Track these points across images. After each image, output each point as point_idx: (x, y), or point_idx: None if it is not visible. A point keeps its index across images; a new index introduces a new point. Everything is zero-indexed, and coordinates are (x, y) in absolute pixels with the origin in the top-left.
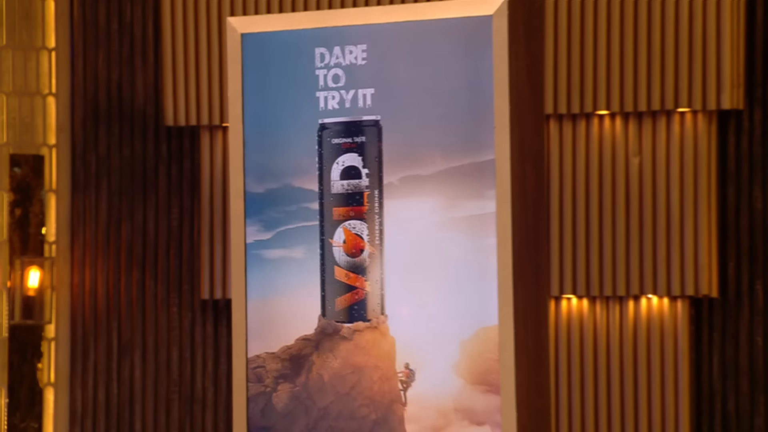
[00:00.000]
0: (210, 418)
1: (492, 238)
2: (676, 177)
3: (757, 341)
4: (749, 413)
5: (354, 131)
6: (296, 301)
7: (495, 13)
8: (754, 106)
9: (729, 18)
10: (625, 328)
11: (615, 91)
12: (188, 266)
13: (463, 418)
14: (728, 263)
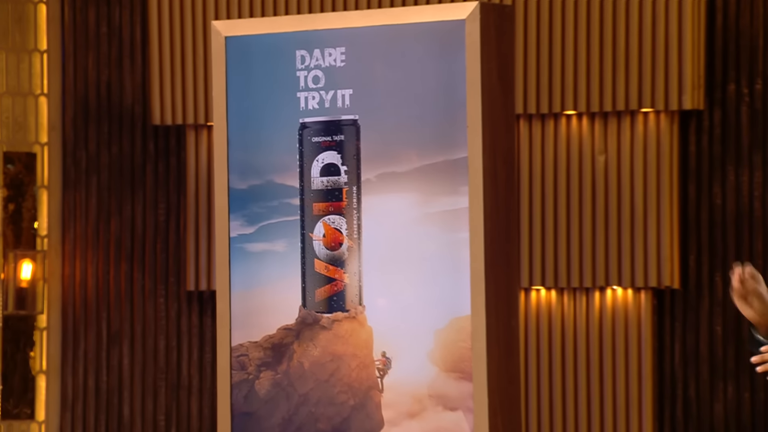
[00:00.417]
0: (195, 404)
1: (465, 233)
2: (639, 174)
3: (717, 330)
4: (709, 399)
5: (333, 130)
6: (278, 292)
7: (467, 18)
8: (714, 106)
9: (690, 23)
10: (591, 318)
11: (582, 92)
12: (174, 259)
13: (437, 403)
14: (689, 256)
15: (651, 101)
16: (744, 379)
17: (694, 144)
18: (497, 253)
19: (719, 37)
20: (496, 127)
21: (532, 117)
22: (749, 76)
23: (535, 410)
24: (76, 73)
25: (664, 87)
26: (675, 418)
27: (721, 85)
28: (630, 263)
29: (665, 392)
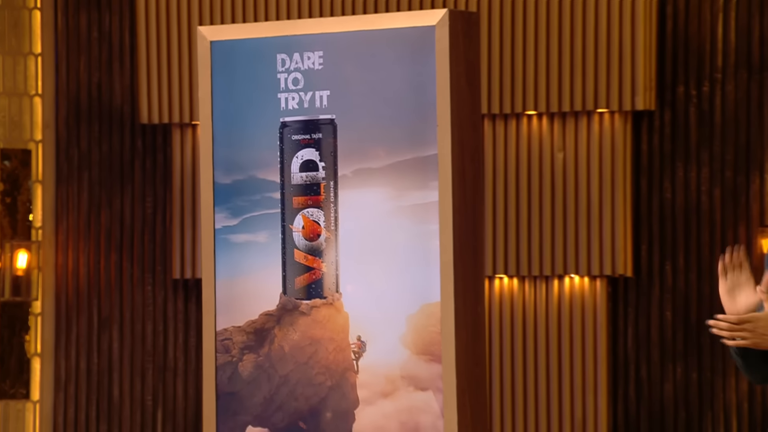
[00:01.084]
0: (181, 385)
1: (435, 224)
2: (595, 170)
3: (667, 316)
4: (660, 379)
5: (312, 129)
6: (260, 280)
7: (437, 24)
8: (665, 107)
9: (642, 29)
10: (550, 304)
11: (542, 93)
12: (161, 249)
13: (408, 384)
14: (641, 246)
15: (606, 102)
16: (692, 361)
17: (646, 142)
18: (465, 243)
19: (669, 42)
20: (464, 126)
21: (495, 117)
22: (697, 79)
23: (498, 391)
24: (68, 75)
25: (618, 89)
26: (628, 397)
27: (671, 87)
28: (586, 253)
29: (619, 373)
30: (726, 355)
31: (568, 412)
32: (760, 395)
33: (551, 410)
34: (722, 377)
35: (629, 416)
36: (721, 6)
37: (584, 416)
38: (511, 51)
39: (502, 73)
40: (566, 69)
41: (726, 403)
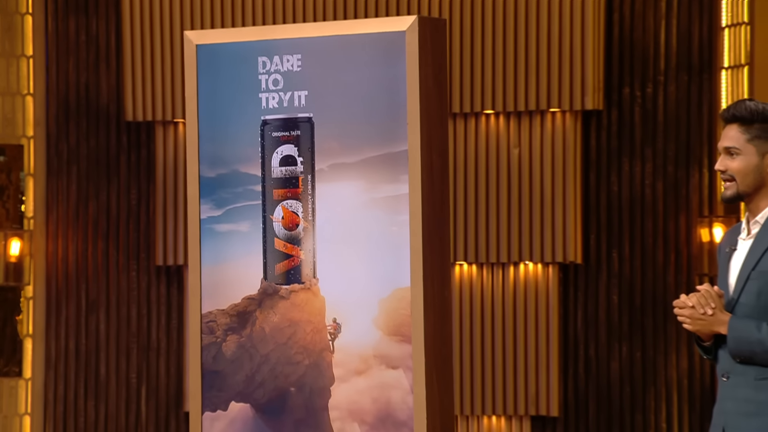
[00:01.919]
0: (163, 364)
1: (405, 215)
2: (548, 165)
3: (613, 299)
4: (607, 358)
5: (291, 126)
6: (242, 266)
7: (407, 30)
8: (612, 107)
9: (591, 35)
10: (506, 288)
11: (499, 94)
12: (145, 238)
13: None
14: (590, 235)
15: (558, 102)
16: (636, 341)
17: (594, 139)
18: (432, 232)
19: (616, 47)
20: (432, 124)
21: (456, 115)
22: (641, 80)
23: (459, 367)
24: (58, 75)
25: (569, 90)
26: (577, 375)
27: (618, 89)
28: (539, 241)
29: (569, 352)
30: (668, 335)
31: (522, 387)
32: (699, 372)
33: (507, 386)
34: (664, 356)
35: (578, 392)
36: (664, 13)
37: (537, 392)
38: (471, 55)
39: (463, 75)
40: (521, 72)
41: (667, 380)
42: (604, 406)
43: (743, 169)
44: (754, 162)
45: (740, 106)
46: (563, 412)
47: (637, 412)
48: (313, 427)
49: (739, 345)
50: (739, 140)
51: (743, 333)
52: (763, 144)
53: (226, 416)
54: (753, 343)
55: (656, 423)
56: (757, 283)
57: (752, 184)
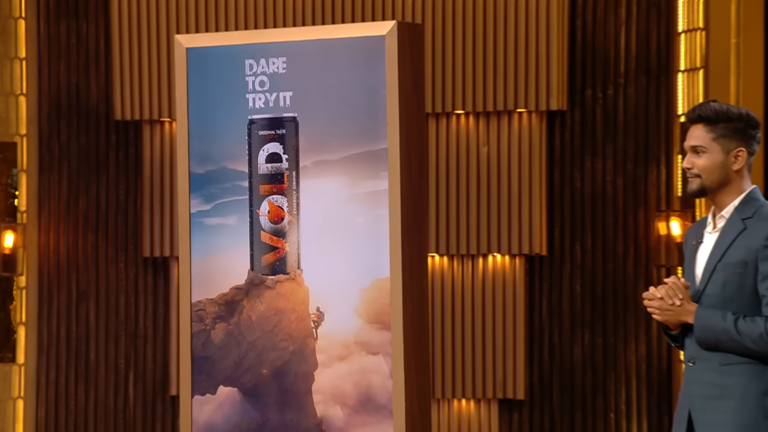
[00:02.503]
0: (150, 350)
1: (385, 210)
2: (515, 162)
3: (576, 289)
4: (570, 344)
5: (276, 125)
6: (230, 258)
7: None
8: (575, 107)
9: (556, 40)
10: (475, 279)
11: (468, 95)
12: (132, 231)
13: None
14: (554, 229)
15: (524, 103)
16: (598, 328)
17: (559, 138)
18: (411, 226)
19: (579, 51)
20: (411, 123)
21: (428, 115)
22: (603, 83)
23: (431, 353)
24: (50, 76)
25: (535, 92)
26: (542, 360)
27: (581, 90)
28: (507, 234)
29: (535, 339)
30: (627, 322)
31: (490, 372)
32: (656, 358)
33: (476, 371)
34: (624, 342)
35: (543, 376)
36: (623, 19)
37: (504, 376)
38: (442, 58)
39: (434, 77)
40: (490, 74)
41: (627, 365)
42: (567, 390)
43: (709, 166)
44: (720, 159)
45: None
46: (529, 395)
47: (598, 394)
48: (297, 410)
49: (705, 334)
50: (704, 139)
51: (709, 322)
52: (727, 142)
53: (215, 399)
54: (718, 331)
55: (616, 405)
56: (723, 275)
57: (717, 180)
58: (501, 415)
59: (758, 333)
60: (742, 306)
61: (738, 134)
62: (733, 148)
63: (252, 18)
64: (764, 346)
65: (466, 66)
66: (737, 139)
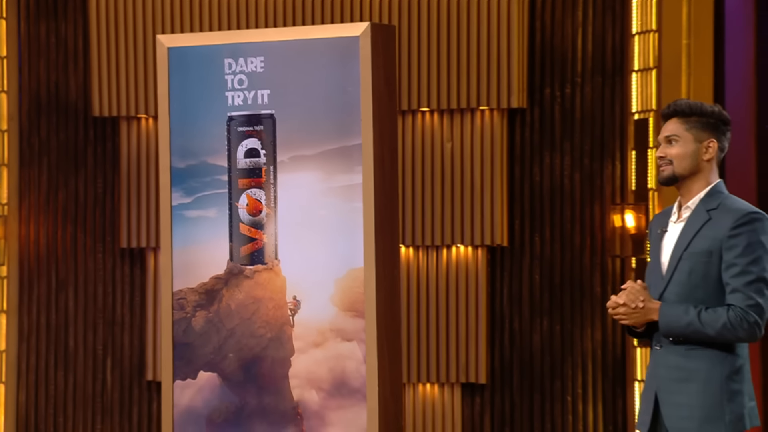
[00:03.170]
0: (127, 337)
1: (359, 203)
2: (477, 157)
3: (536, 278)
4: (529, 331)
5: (254, 122)
6: (210, 249)
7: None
8: (534, 105)
9: (516, 41)
10: (440, 268)
11: (433, 93)
12: (110, 223)
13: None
14: (515, 221)
15: (486, 101)
16: (556, 316)
17: (519, 134)
18: (383, 218)
19: (538, 52)
20: (383, 120)
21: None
22: (561, 82)
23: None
24: (30, 74)
25: (496, 90)
26: (503, 346)
27: (540, 89)
28: (470, 226)
29: (496, 326)
30: (584, 310)
31: (454, 357)
32: (611, 344)
33: (440, 356)
34: (580, 329)
35: (504, 361)
36: (580, 22)
37: (467, 361)
38: (408, 58)
39: (401, 76)
40: (454, 74)
41: (583, 351)
42: (527, 374)
43: (681, 154)
44: (692, 148)
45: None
46: (490, 380)
47: (556, 379)
48: (274, 394)
49: (671, 328)
50: (678, 129)
51: (673, 318)
52: (699, 133)
53: (195, 384)
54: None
55: (573, 389)
56: (689, 263)
57: (688, 168)
58: (464, 399)
59: (721, 323)
60: (707, 293)
61: (710, 127)
62: (705, 139)
63: (226, 17)
64: (728, 334)
65: (431, 66)
66: (709, 131)
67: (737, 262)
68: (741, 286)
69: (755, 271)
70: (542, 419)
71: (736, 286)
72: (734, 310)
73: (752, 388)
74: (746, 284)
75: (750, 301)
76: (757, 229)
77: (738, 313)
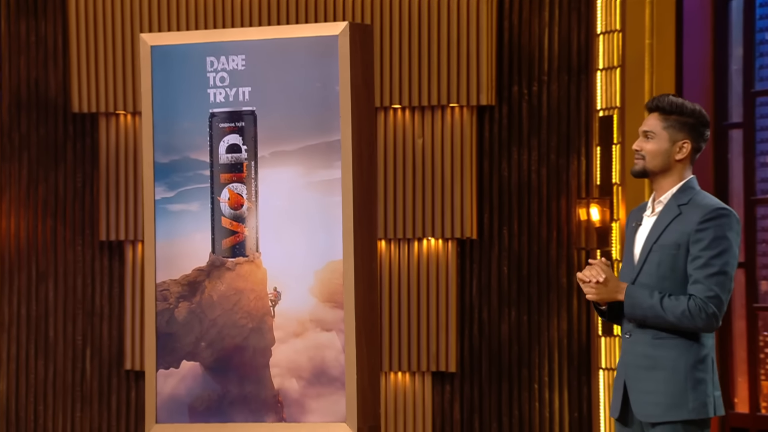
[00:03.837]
0: (106, 328)
1: (338, 197)
2: (447, 153)
3: (504, 270)
4: (498, 321)
5: (236, 118)
6: (193, 241)
7: (340, 34)
8: (503, 102)
9: (486, 41)
10: (411, 260)
11: (405, 91)
12: (89, 216)
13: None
14: (484, 215)
15: (456, 98)
16: (523, 306)
17: (488, 130)
18: (362, 212)
19: (506, 51)
20: (362, 117)
21: None
22: (528, 80)
23: None
24: (10, 71)
25: (466, 88)
26: (472, 336)
27: (508, 87)
28: (440, 220)
29: (465, 316)
30: (550, 301)
31: (425, 347)
32: (576, 333)
33: (411, 346)
34: (547, 319)
35: (473, 350)
36: (547, 22)
37: (438, 350)
38: (380, 56)
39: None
40: (425, 72)
41: (549, 340)
42: (496, 363)
43: (654, 151)
44: (665, 147)
45: (663, 99)
46: (460, 368)
47: (523, 367)
48: (255, 383)
49: (634, 310)
50: (656, 126)
51: (638, 300)
52: (676, 133)
53: (178, 373)
54: (645, 308)
55: (539, 376)
56: (658, 255)
57: (659, 165)
58: (434, 387)
59: (680, 310)
60: (674, 284)
61: (687, 128)
62: (680, 140)
63: (203, 14)
64: (686, 322)
65: (402, 64)
66: (686, 132)
67: (702, 254)
68: (703, 277)
69: (718, 264)
70: (510, 406)
71: (698, 278)
72: (695, 300)
73: (717, 378)
74: (708, 276)
75: (710, 293)
76: (723, 225)
77: (698, 303)
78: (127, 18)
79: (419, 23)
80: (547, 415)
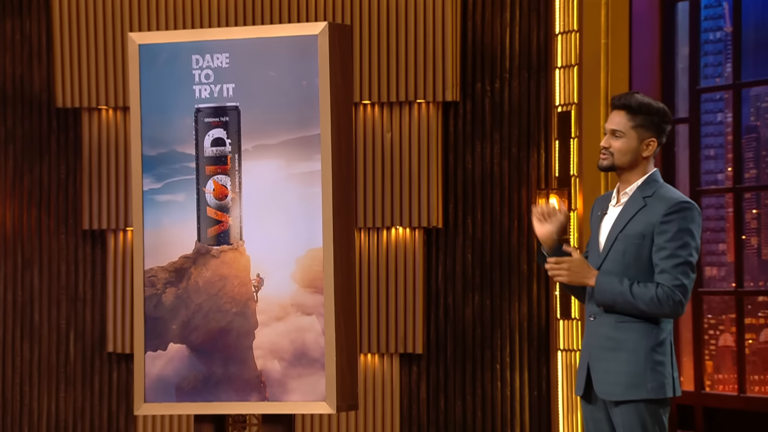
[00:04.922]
0: (89, 312)
1: (318, 188)
2: (414, 147)
3: (468, 257)
4: (462, 305)
5: (220, 113)
6: (179, 230)
7: (320, 33)
8: (467, 99)
9: (451, 39)
10: (380, 248)
11: (374, 87)
12: (73, 206)
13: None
14: (449, 205)
15: (423, 94)
16: (486, 291)
17: (453, 125)
18: (340, 203)
19: (470, 49)
20: (340, 112)
21: None
22: (491, 77)
23: None
24: None
25: (432, 85)
26: (438, 319)
27: (471, 84)
28: (408, 210)
29: (431, 301)
30: (512, 286)
31: (393, 330)
32: (536, 316)
33: (380, 329)
34: (508, 303)
35: (439, 333)
36: (508, 22)
37: (405, 333)
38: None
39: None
40: (393, 69)
41: (511, 323)
42: (460, 345)
43: (623, 149)
44: (634, 145)
45: (630, 98)
46: (426, 350)
47: (486, 349)
48: (239, 364)
49: (604, 295)
50: (624, 126)
51: (608, 286)
52: (643, 132)
53: (165, 355)
54: (615, 294)
55: (501, 358)
56: (623, 244)
57: (627, 162)
58: (402, 368)
59: (650, 297)
60: (638, 272)
61: (653, 126)
62: (647, 138)
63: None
64: (654, 309)
65: (371, 61)
66: (652, 130)
67: (667, 246)
68: (669, 267)
69: (683, 255)
70: (473, 386)
71: (664, 268)
72: (662, 288)
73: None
74: (674, 266)
75: (676, 282)
76: (686, 217)
77: (666, 291)
78: (109, 16)
79: (387, 24)
80: (508, 393)
